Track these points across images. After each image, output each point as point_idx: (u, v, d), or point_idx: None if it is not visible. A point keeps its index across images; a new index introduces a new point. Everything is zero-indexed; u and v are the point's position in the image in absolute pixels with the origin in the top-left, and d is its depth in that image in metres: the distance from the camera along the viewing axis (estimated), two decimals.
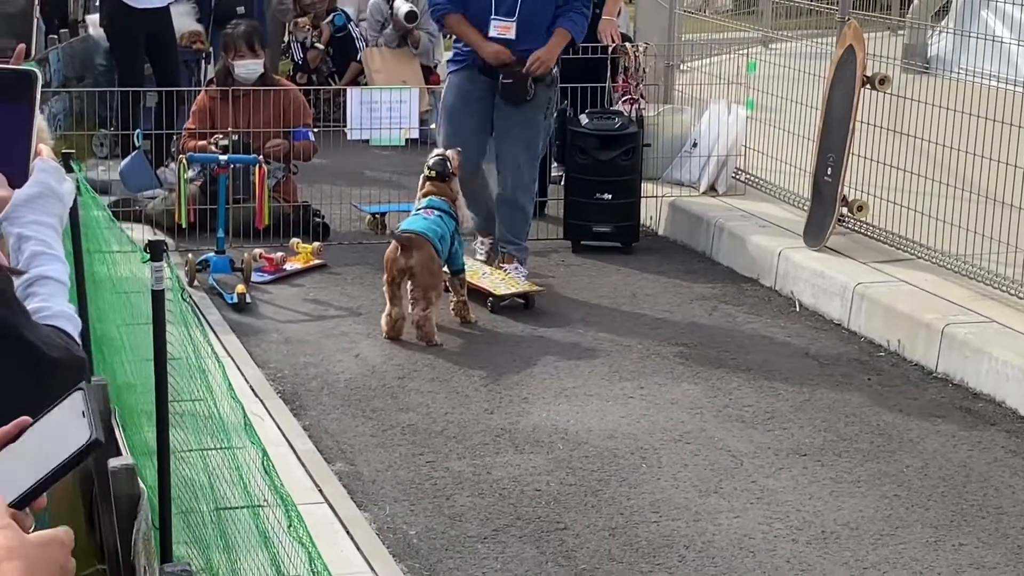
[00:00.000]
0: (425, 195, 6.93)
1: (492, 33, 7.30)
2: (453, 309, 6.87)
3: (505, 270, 7.46)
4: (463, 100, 7.50)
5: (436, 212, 6.77)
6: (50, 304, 1.98)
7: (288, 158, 8.55)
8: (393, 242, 6.63)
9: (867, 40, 7.48)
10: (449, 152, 7.07)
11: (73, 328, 1.99)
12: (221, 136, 8.34)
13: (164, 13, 10.02)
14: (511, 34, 7.29)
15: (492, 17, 7.30)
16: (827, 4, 8.66)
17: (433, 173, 6.95)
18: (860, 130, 7.44)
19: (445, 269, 6.80)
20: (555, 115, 7.90)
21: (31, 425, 1.57)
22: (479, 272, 7.30)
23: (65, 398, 1.56)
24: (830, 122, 7.60)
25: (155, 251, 2.99)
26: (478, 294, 7.06)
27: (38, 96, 2.11)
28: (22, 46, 2.35)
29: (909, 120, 7.20)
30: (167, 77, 9.76)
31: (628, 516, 4.79)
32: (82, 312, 4.44)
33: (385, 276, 6.62)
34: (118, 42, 10.07)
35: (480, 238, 7.91)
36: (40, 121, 2.18)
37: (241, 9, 10.99)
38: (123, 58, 10.03)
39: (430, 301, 6.53)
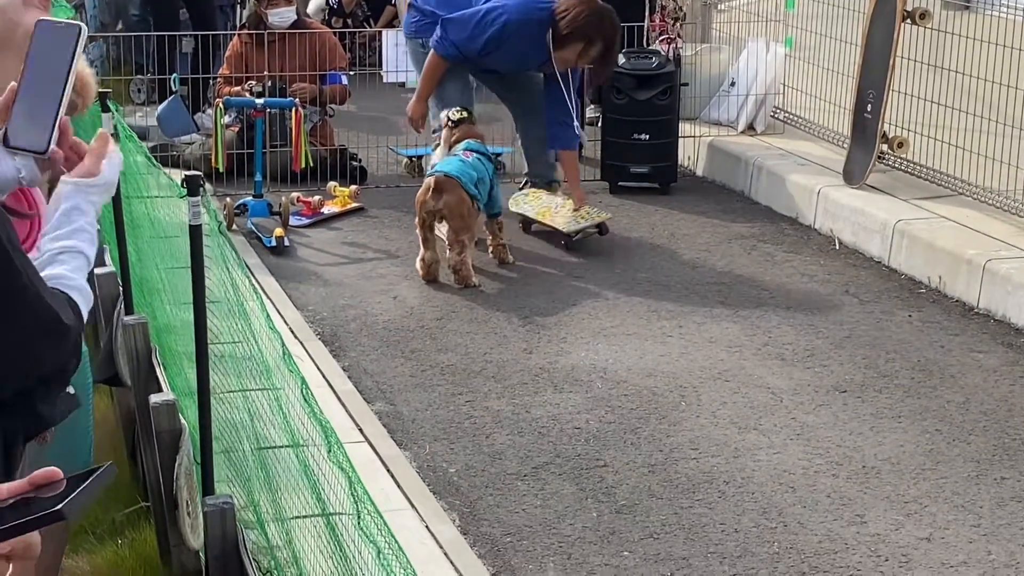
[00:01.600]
0: (461, 139, 6.86)
1: None
2: (492, 252, 6.85)
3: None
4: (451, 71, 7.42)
5: (475, 154, 6.72)
6: (74, 277, 2.03)
7: (318, 102, 8.52)
8: (424, 184, 6.61)
9: None
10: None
11: (84, 303, 2.02)
12: (255, 82, 8.33)
13: None
14: None
15: None
16: None
17: (465, 114, 6.89)
18: (900, 66, 7.36)
19: (482, 214, 6.78)
20: None
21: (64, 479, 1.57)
22: (551, 208, 7.25)
23: (97, 471, 1.56)
24: (870, 58, 7.51)
25: (192, 186, 2.99)
26: (552, 233, 7.10)
27: (80, 51, 2.07)
28: None
29: (950, 55, 7.12)
30: (203, 22, 9.74)
31: (667, 453, 4.79)
32: (121, 255, 4.46)
33: (416, 219, 6.61)
34: None
35: None
36: (86, 72, 2.14)
37: None
38: (159, 4, 10.02)
39: (463, 245, 6.50)
